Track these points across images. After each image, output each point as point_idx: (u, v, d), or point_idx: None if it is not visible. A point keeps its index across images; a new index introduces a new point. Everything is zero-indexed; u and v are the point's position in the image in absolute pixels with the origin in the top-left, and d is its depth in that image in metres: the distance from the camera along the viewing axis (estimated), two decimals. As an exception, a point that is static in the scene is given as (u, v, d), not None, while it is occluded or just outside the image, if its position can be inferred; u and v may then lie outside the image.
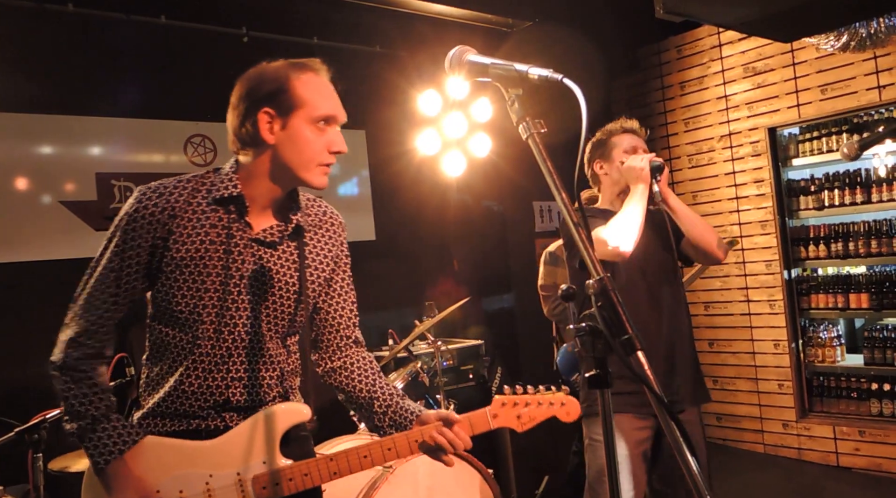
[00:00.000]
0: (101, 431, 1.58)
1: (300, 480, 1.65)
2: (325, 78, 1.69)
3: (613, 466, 1.25)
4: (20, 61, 3.57)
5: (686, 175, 5.47)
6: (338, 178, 4.77)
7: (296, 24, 4.40)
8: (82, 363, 1.61)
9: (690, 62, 5.38)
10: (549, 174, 1.29)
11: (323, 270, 1.79)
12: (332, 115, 1.65)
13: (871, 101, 4.44)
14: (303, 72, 1.65)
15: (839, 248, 4.76)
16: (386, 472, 2.79)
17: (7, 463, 2.81)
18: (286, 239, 1.72)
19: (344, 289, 1.86)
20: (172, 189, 1.66)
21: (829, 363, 4.85)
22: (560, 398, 1.83)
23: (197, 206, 1.65)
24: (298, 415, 1.72)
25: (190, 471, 1.63)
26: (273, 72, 1.65)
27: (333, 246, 1.82)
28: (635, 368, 1.18)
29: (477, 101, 4.69)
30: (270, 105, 1.61)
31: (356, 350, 1.89)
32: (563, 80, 1.26)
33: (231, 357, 1.67)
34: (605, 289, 1.19)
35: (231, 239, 1.65)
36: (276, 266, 1.70)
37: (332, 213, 1.86)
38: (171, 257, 1.61)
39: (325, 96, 1.65)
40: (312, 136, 1.63)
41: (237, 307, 1.65)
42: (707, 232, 2.51)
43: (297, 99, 1.61)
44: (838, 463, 4.66)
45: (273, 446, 1.67)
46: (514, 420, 1.80)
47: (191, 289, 1.62)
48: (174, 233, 1.61)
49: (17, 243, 3.47)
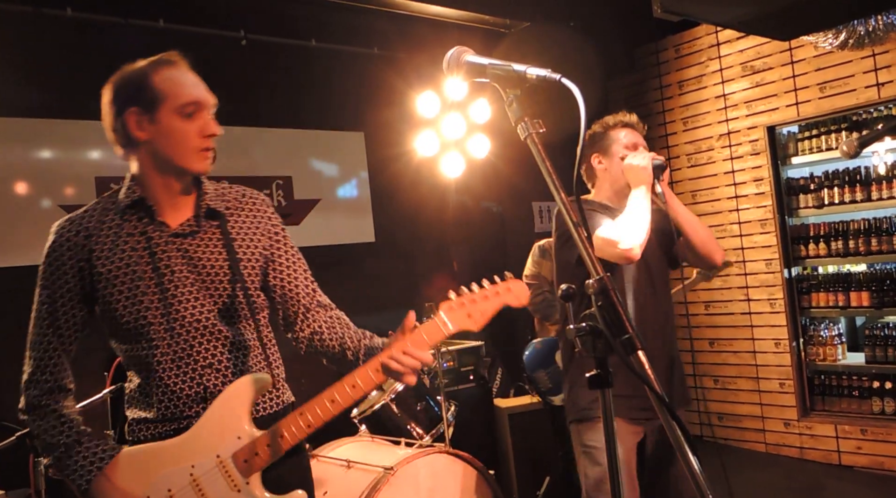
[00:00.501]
0: (76, 455, 1.64)
1: (278, 444, 1.67)
2: (183, 68, 1.72)
3: (615, 469, 1.24)
4: (19, 66, 3.57)
5: (685, 174, 5.47)
6: (337, 179, 4.77)
7: (294, 26, 4.40)
8: (43, 399, 1.67)
9: (689, 61, 5.38)
10: (547, 174, 1.29)
11: (255, 247, 1.82)
12: (196, 100, 1.69)
13: (869, 99, 4.44)
14: (160, 67, 1.69)
15: (839, 246, 4.76)
16: (387, 474, 2.79)
17: (8, 467, 2.81)
18: (204, 224, 1.76)
19: (290, 259, 1.89)
20: (83, 214, 1.73)
21: (830, 362, 4.84)
22: (505, 286, 1.83)
23: (111, 222, 1.71)
24: (260, 383, 1.74)
25: (172, 468, 1.65)
26: (132, 72, 1.70)
27: (260, 222, 1.85)
28: (636, 367, 1.18)
29: (475, 102, 4.69)
30: (135, 104, 1.66)
31: (323, 313, 1.91)
32: (561, 80, 1.26)
33: (193, 348, 1.70)
34: (606, 288, 1.19)
35: (151, 241, 1.70)
36: (202, 253, 1.74)
37: (252, 194, 1.89)
38: (98, 275, 1.67)
39: (185, 85, 1.69)
40: (182, 124, 1.67)
41: (179, 301, 1.69)
42: (708, 236, 2.48)
43: (159, 93, 1.66)
44: (840, 462, 4.66)
45: (243, 420, 1.69)
46: (466, 320, 1.79)
47: (129, 298, 1.67)
48: (94, 251, 1.68)
49: (16, 247, 3.47)
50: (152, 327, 1.68)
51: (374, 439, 3.33)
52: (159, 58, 1.71)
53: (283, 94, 4.51)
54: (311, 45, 4.45)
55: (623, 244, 2.22)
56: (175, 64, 1.71)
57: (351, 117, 4.77)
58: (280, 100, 4.50)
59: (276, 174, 4.45)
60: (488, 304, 1.81)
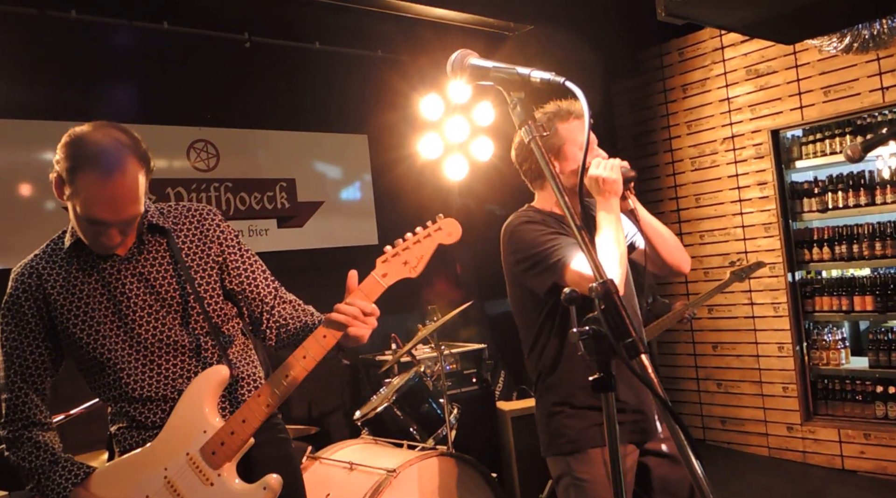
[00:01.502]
0: (54, 473, 1.70)
1: (241, 429, 1.69)
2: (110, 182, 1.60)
3: (619, 477, 1.24)
4: (23, 68, 3.59)
5: (689, 178, 5.47)
6: (340, 182, 4.78)
7: (298, 29, 4.41)
8: (19, 432, 1.73)
9: (692, 65, 5.38)
10: (551, 177, 1.29)
11: (206, 256, 1.83)
12: (97, 219, 1.63)
13: (874, 103, 4.43)
14: (91, 170, 1.60)
15: (843, 250, 4.74)
16: (389, 476, 2.79)
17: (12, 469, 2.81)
18: (150, 241, 1.78)
19: (245, 262, 1.89)
20: (33, 259, 1.79)
21: (833, 366, 4.82)
22: (435, 226, 1.82)
23: (60, 261, 1.76)
24: (217, 375, 1.75)
25: (147, 474, 1.70)
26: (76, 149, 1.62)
27: (208, 231, 1.86)
28: (639, 371, 1.18)
29: (479, 105, 4.70)
30: (60, 174, 1.65)
31: (287, 306, 1.92)
32: (565, 83, 1.26)
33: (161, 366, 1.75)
34: (609, 292, 1.19)
35: (104, 272, 1.74)
36: (153, 270, 1.77)
37: (198, 208, 1.90)
38: (56, 312, 1.72)
39: (97, 203, 1.60)
40: (81, 224, 1.67)
41: (139, 325, 1.74)
42: (675, 245, 2.31)
43: (77, 189, 1.61)
44: (843, 466, 4.64)
45: (204, 414, 1.72)
46: (403, 267, 1.79)
47: (89, 329, 1.72)
48: (48, 292, 1.73)
49: (21, 249, 3.45)
50: (114, 354, 1.73)
51: (376, 442, 3.33)
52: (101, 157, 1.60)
53: (287, 96, 4.52)
54: (314, 47, 4.46)
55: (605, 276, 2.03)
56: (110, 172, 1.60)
57: (354, 120, 4.78)
58: (284, 102, 4.51)
59: (279, 176, 4.45)
60: (422, 247, 1.81)
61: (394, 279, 1.79)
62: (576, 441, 2.16)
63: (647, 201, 5.67)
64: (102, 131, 1.65)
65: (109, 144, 1.63)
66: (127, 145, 1.65)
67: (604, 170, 2.06)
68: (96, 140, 1.63)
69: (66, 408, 2.75)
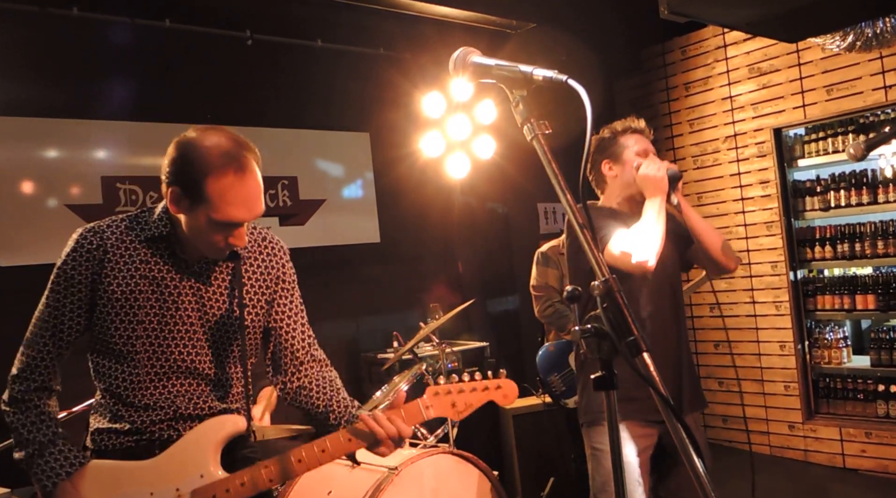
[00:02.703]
0: (49, 455, 1.65)
1: (236, 490, 1.67)
2: (245, 181, 1.60)
3: (619, 471, 1.24)
4: (25, 66, 3.59)
5: (691, 176, 5.46)
6: (342, 180, 4.77)
7: (299, 26, 4.41)
8: (27, 395, 1.68)
9: (695, 63, 5.37)
10: (553, 175, 1.29)
11: (263, 291, 1.82)
12: (233, 222, 1.62)
13: (877, 102, 4.43)
14: (224, 171, 1.58)
15: (845, 249, 4.74)
16: (391, 474, 2.79)
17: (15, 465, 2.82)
18: (221, 267, 1.76)
19: (292, 308, 1.87)
20: (106, 228, 1.72)
21: (835, 365, 4.82)
22: (496, 383, 1.82)
23: (130, 244, 1.71)
24: (234, 425, 1.75)
25: (133, 490, 1.67)
26: (199, 157, 1.59)
27: (272, 269, 1.84)
28: (641, 369, 1.18)
29: (481, 103, 4.69)
30: (180, 186, 1.61)
31: (316, 368, 1.90)
32: (567, 81, 1.26)
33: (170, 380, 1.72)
34: (611, 290, 1.19)
35: (164, 273, 1.71)
36: (212, 294, 1.75)
37: (272, 238, 1.88)
38: (103, 292, 1.68)
39: (232, 204, 1.59)
40: (211, 230, 1.63)
41: (174, 338, 1.71)
42: (721, 243, 2.45)
43: (205, 196, 1.58)
44: (845, 465, 4.64)
45: (209, 459, 1.70)
46: (450, 408, 1.78)
47: (123, 321, 1.68)
48: (105, 268, 1.68)
49: (22, 247, 3.48)
50: (138, 356, 1.70)
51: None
52: (231, 156, 1.59)
53: (289, 94, 4.52)
54: (316, 45, 4.46)
55: (637, 256, 2.19)
56: (241, 173, 1.60)
57: (356, 118, 4.78)
58: (285, 100, 4.51)
59: (281, 174, 4.45)
60: (474, 397, 1.81)
61: (436, 415, 1.78)
62: (596, 413, 2.39)
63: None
64: (216, 134, 1.61)
65: (230, 145, 1.60)
66: (243, 143, 1.63)
67: (649, 168, 2.32)
68: (218, 143, 1.59)
69: (69, 405, 2.75)
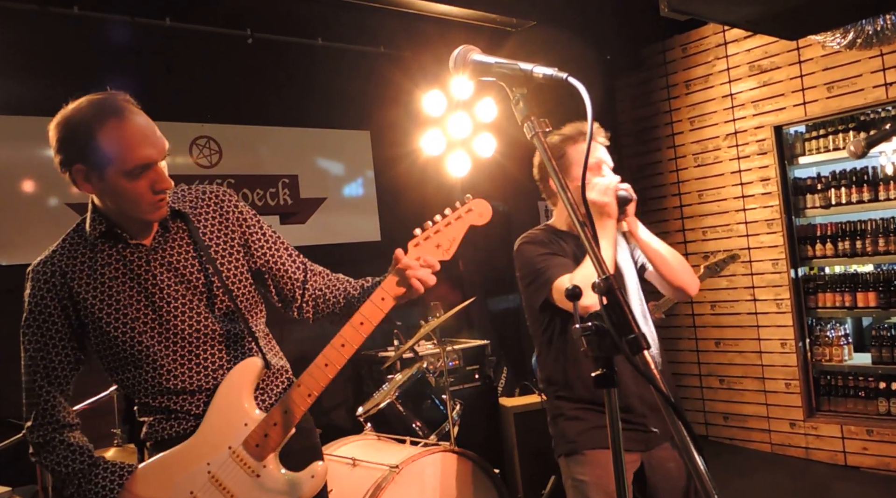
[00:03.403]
0: (94, 476, 1.64)
1: (283, 419, 1.68)
2: (131, 119, 1.57)
3: (621, 474, 1.24)
4: (25, 64, 3.59)
5: (692, 174, 5.46)
6: (343, 178, 4.78)
7: (300, 25, 4.40)
8: (50, 436, 1.67)
9: (695, 61, 5.37)
10: (554, 173, 1.29)
11: (229, 239, 1.80)
12: (143, 162, 1.57)
13: (877, 99, 4.42)
14: (106, 120, 1.54)
15: (846, 246, 4.74)
16: (392, 472, 2.79)
17: (16, 464, 2.83)
18: (172, 227, 1.74)
19: (268, 241, 1.86)
20: (51, 254, 1.69)
21: (836, 362, 4.82)
22: (466, 207, 1.80)
23: (82, 256, 1.68)
24: (254, 366, 1.74)
25: (189, 470, 1.66)
26: (77, 124, 1.56)
27: (225, 212, 1.82)
28: (641, 367, 1.18)
29: (481, 101, 4.69)
30: (80, 162, 1.57)
31: (320, 278, 1.91)
32: (567, 79, 1.25)
33: (199, 356, 1.71)
34: (611, 288, 1.19)
35: (132, 264, 1.68)
36: (180, 258, 1.73)
37: (213, 190, 1.86)
38: (84, 310, 1.65)
39: (132, 146, 1.55)
40: (131, 185, 1.58)
41: (175, 315, 1.69)
42: (679, 266, 2.29)
43: (104, 154, 1.54)
44: (846, 462, 4.64)
45: (246, 407, 1.70)
46: (436, 250, 1.77)
47: (122, 325, 1.66)
48: (74, 290, 1.65)
49: (23, 245, 3.49)
50: (152, 349, 1.67)
51: (379, 438, 3.34)
52: (104, 106, 1.56)
53: (290, 92, 4.52)
54: (317, 43, 4.46)
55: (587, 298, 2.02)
56: (121, 114, 1.56)
57: (357, 116, 4.78)
58: (286, 98, 4.51)
59: (282, 173, 4.45)
60: (453, 229, 1.79)
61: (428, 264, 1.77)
62: (574, 442, 2.22)
63: (649, 197, 5.69)
64: (74, 101, 1.59)
65: (95, 98, 1.58)
66: (109, 93, 1.61)
67: (596, 193, 2.12)
68: (80, 105, 1.57)
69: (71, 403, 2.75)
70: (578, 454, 2.19)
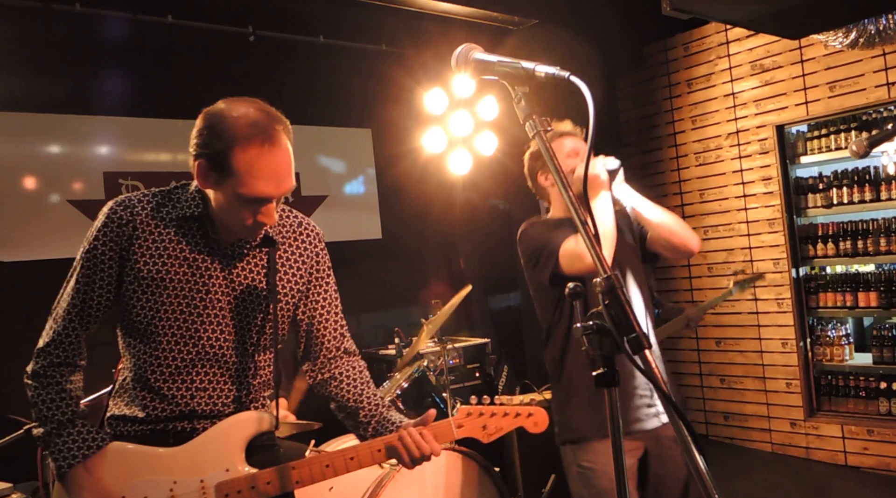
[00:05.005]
0: (66, 435, 1.61)
1: (263, 488, 1.66)
2: (273, 152, 1.53)
3: (622, 474, 1.24)
4: (27, 61, 3.59)
5: (693, 173, 5.45)
6: (344, 176, 4.77)
7: (302, 22, 4.40)
8: (50, 370, 1.64)
9: (697, 59, 5.36)
10: (555, 171, 1.29)
11: (297, 281, 1.78)
12: (261, 197, 1.55)
13: (880, 99, 4.41)
14: (251, 141, 1.51)
15: (848, 246, 4.73)
16: (392, 470, 2.79)
17: (17, 460, 2.83)
18: (255, 251, 1.72)
19: (326, 299, 1.84)
20: (137, 202, 1.66)
21: (837, 362, 4.82)
22: (528, 410, 1.84)
23: (161, 221, 1.65)
24: (262, 423, 1.73)
25: (154, 477, 1.64)
26: (226, 128, 1.53)
27: (308, 257, 1.80)
28: (642, 366, 1.18)
29: (483, 100, 4.68)
30: (207, 158, 1.55)
31: (346, 360, 1.88)
32: (569, 78, 1.25)
33: (194, 368, 1.68)
34: (613, 287, 1.19)
35: (195, 255, 1.65)
36: (244, 279, 1.70)
37: (308, 224, 1.84)
38: (130, 269, 1.63)
39: (260, 176, 1.52)
40: (238, 206, 1.57)
41: (202, 322, 1.67)
42: (676, 225, 2.38)
43: (232, 169, 1.52)
44: (846, 462, 4.64)
45: (235, 454, 1.68)
46: (480, 431, 1.79)
47: (149, 301, 1.64)
48: (133, 245, 1.62)
49: (25, 242, 3.49)
50: (163, 338, 1.65)
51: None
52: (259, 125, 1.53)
53: (291, 90, 4.51)
54: (318, 41, 4.45)
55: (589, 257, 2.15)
56: (268, 142, 1.52)
57: (358, 114, 4.77)
58: (288, 96, 4.51)
59: (283, 170, 4.45)
60: (505, 422, 1.82)
61: (465, 435, 1.79)
62: (581, 430, 2.29)
63: (650, 196, 5.67)
64: (243, 105, 1.55)
65: (259, 116, 1.53)
66: (273, 114, 1.57)
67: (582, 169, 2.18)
68: (243, 114, 1.53)
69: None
70: (586, 442, 2.29)
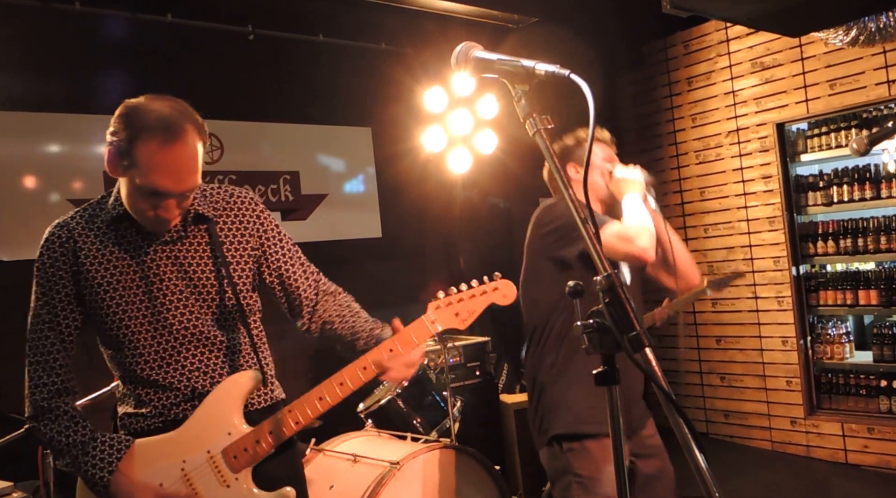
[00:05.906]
0: (93, 449, 1.65)
1: (266, 439, 1.71)
2: (174, 148, 1.57)
3: (622, 473, 1.24)
4: (27, 60, 3.59)
5: (693, 171, 5.45)
6: (344, 175, 4.77)
7: (301, 21, 4.40)
8: (51, 402, 1.67)
9: (697, 57, 5.36)
10: (556, 170, 1.29)
11: (244, 248, 1.82)
12: (157, 189, 1.59)
13: (880, 96, 4.41)
14: (154, 135, 1.56)
15: (848, 244, 4.73)
16: (393, 468, 2.80)
17: (18, 459, 2.83)
18: (192, 229, 1.75)
19: (284, 253, 1.88)
20: (70, 220, 1.73)
21: (837, 360, 4.82)
22: (493, 285, 1.85)
23: (97, 230, 1.71)
24: (250, 380, 1.76)
25: (164, 463, 1.68)
26: (134, 119, 1.58)
27: (250, 222, 1.84)
28: (642, 364, 1.18)
29: (483, 98, 4.68)
30: (116, 146, 1.60)
31: (331, 300, 1.92)
32: (569, 76, 1.25)
33: (180, 354, 1.72)
34: (613, 285, 1.18)
35: (140, 250, 1.70)
36: (191, 258, 1.74)
37: (239, 193, 1.87)
38: (85, 281, 1.68)
39: (159, 172, 1.57)
40: (138, 196, 1.62)
41: (168, 310, 1.71)
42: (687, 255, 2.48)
43: (134, 160, 1.58)
44: (847, 460, 4.64)
45: (232, 416, 1.72)
46: (454, 318, 1.82)
47: (115, 307, 1.68)
48: (80, 259, 1.68)
49: (25, 241, 3.49)
50: (137, 336, 1.69)
51: (380, 434, 3.34)
52: (165, 122, 1.58)
53: (291, 89, 4.51)
54: (318, 40, 4.45)
55: (640, 241, 2.19)
56: (171, 139, 1.57)
57: (358, 112, 4.77)
58: (287, 95, 4.51)
59: (283, 169, 4.45)
60: (476, 302, 1.84)
61: (442, 327, 1.81)
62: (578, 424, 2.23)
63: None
64: (160, 101, 1.62)
65: (169, 112, 1.59)
66: (186, 114, 1.62)
67: (626, 171, 2.43)
68: (155, 108, 1.59)
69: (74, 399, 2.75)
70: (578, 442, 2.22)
